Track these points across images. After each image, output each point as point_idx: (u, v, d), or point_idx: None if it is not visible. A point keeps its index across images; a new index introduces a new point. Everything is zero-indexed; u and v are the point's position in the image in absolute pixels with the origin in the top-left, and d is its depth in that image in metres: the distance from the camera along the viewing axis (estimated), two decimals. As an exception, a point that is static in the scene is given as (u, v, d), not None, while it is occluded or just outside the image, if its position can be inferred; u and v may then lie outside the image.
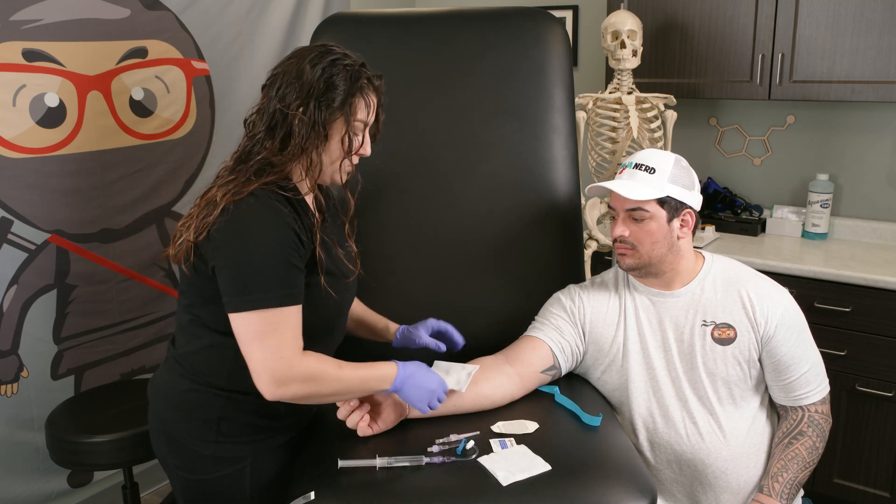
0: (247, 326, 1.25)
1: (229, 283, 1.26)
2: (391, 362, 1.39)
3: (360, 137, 1.38)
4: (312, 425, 1.55)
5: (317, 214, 1.43)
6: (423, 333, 1.60)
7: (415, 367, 1.40)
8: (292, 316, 1.27)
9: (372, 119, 1.40)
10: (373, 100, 1.38)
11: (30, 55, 2.03)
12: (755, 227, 2.71)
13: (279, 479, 1.47)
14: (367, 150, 1.41)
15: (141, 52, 2.29)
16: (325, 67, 1.32)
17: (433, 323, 1.62)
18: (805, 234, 2.66)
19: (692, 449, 1.52)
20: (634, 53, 2.41)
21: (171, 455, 1.43)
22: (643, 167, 1.52)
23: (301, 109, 1.30)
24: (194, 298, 1.36)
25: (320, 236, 1.36)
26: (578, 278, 1.85)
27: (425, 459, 1.33)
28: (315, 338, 1.37)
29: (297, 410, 1.46)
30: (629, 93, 2.42)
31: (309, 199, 1.42)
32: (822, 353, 1.61)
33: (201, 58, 2.47)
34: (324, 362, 1.31)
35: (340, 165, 1.38)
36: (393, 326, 1.64)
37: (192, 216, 1.31)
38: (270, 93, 1.34)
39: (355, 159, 1.41)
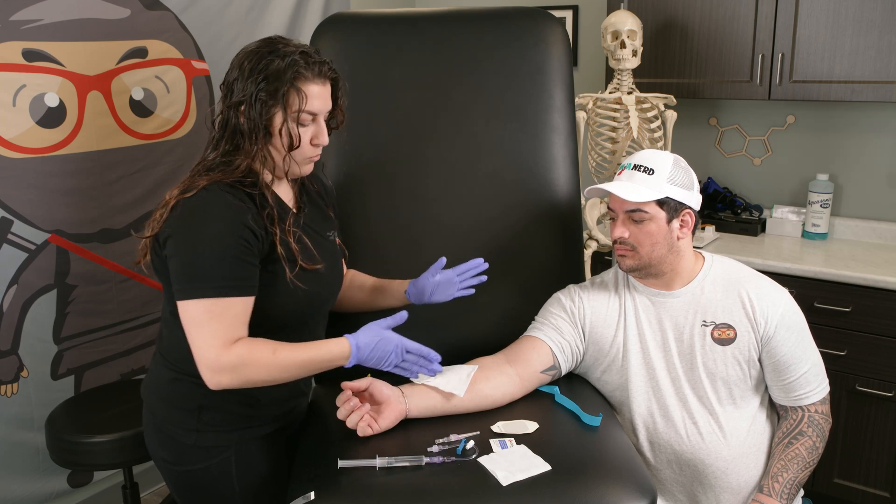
0: (185, 314, 1.28)
1: (174, 272, 1.30)
2: (341, 338, 1.37)
3: (307, 128, 1.36)
4: (307, 419, 1.55)
5: (292, 207, 1.45)
6: (431, 275, 1.57)
7: (368, 336, 1.37)
8: (233, 307, 1.28)
9: (322, 107, 1.37)
10: (312, 88, 1.34)
11: (30, 55, 2.03)
12: (755, 227, 2.71)
13: (269, 472, 1.48)
14: (321, 139, 1.39)
15: (141, 52, 2.29)
16: (261, 61, 1.32)
17: (440, 263, 1.58)
18: (805, 234, 2.66)
19: (692, 449, 1.52)
20: (634, 53, 2.41)
21: (160, 448, 1.46)
22: (642, 168, 1.52)
23: (243, 107, 1.32)
24: (169, 291, 1.38)
25: (291, 228, 1.37)
26: (578, 278, 1.86)
27: (425, 459, 1.33)
28: (286, 328, 1.38)
29: (280, 401, 1.49)
30: (629, 93, 2.42)
31: (281, 192, 1.43)
32: (822, 353, 1.61)
33: (201, 58, 2.47)
34: (255, 349, 1.29)
35: (286, 158, 1.37)
36: (405, 284, 1.62)
37: (153, 217, 1.35)
38: (223, 92, 1.36)
39: (313, 150, 1.39)
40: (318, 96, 1.35)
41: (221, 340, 1.27)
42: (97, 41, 2.17)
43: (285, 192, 1.46)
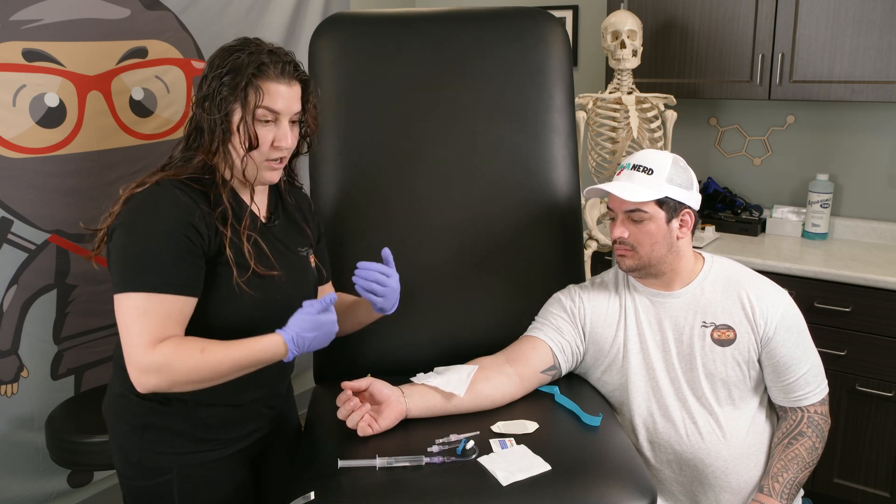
0: (118, 308, 1.25)
1: (112, 264, 1.27)
2: (273, 333, 1.30)
3: (268, 129, 1.32)
4: (308, 419, 1.54)
5: (262, 214, 1.42)
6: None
7: (299, 327, 1.30)
8: (166, 304, 1.24)
9: (285, 108, 1.32)
10: (273, 86, 1.30)
11: (30, 55, 2.03)
12: (755, 227, 2.71)
13: (221, 498, 1.43)
14: (282, 141, 1.33)
15: (141, 52, 2.29)
16: (229, 57, 1.30)
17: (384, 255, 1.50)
18: (805, 234, 2.66)
19: (692, 449, 1.52)
20: (634, 53, 2.41)
21: (114, 457, 1.43)
22: (641, 168, 1.52)
23: (206, 104, 1.30)
24: None
25: (246, 231, 1.34)
26: (578, 278, 1.86)
27: (425, 459, 1.33)
28: (235, 336, 1.30)
29: (229, 426, 1.42)
30: (629, 93, 2.42)
31: (247, 197, 1.40)
32: (821, 353, 1.61)
33: (201, 58, 2.47)
34: (181, 348, 1.23)
35: (244, 159, 1.32)
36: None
37: (109, 211, 1.33)
38: (196, 89, 1.35)
39: (274, 152, 1.34)
40: (280, 95, 1.31)
41: (149, 339, 1.21)
42: (97, 41, 2.17)
43: (258, 199, 1.42)
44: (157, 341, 1.22)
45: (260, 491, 1.56)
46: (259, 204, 1.44)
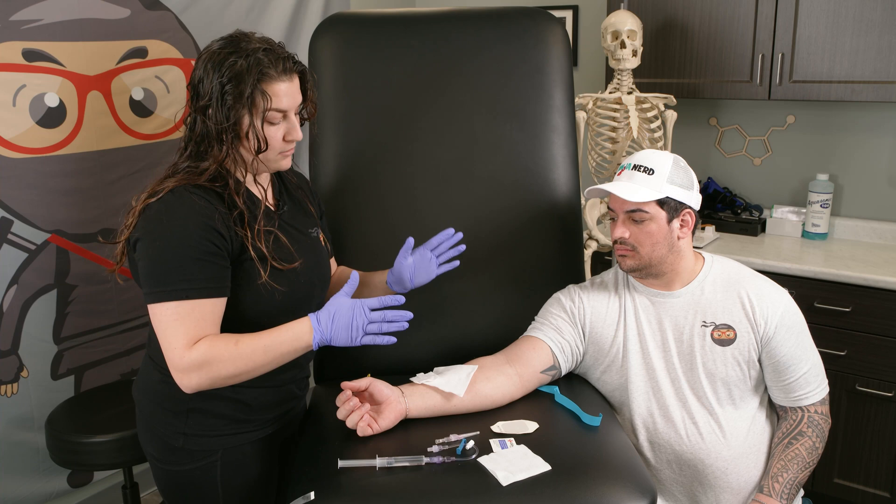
0: (154, 318, 1.29)
1: (142, 276, 1.30)
2: (303, 318, 1.33)
3: (278, 126, 1.34)
4: (307, 419, 1.55)
5: (270, 203, 1.44)
6: (403, 257, 1.53)
7: (331, 311, 1.32)
8: (199, 308, 1.27)
9: (291, 104, 1.34)
10: (278, 86, 1.31)
11: (30, 55, 2.03)
12: (755, 227, 2.71)
13: (257, 477, 1.48)
14: (293, 135, 1.37)
15: (141, 52, 2.29)
16: (224, 62, 1.29)
17: (408, 244, 1.53)
18: (805, 234, 2.66)
19: (692, 449, 1.52)
20: (634, 53, 2.41)
21: (149, 444, 1.47)
22: (642, 168, 1.52)
23: (209, 111, 1.30)
24: None
25: (263, 228, 1.36)
26: (578, 278, 1.86)
27: (425, 459, 1.33)
28: (268, 327, 1.33)
29: (271, 406, 1.48)
30: (629, 93, 2.43)
31: (257, 189, 1.41)
32: (822, 353, 1.61)
33: (201, 58, 2.47)
34: (216, 343, 1.27)
35: (254, 160, 1.35)
36: (385, 274, 1.60)
37: (124, 223, 1.35)
38: (189, 94, 1.35)
39: (286, 146, 1.37)
40: (285, 94, 1.33)
41: (185, 342, 1.26)
42: (97, 41, 2.17)
43: (262, 189, 1.44)
44: (193, 342, 1.27)
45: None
46: (266, 193, 1.46)
